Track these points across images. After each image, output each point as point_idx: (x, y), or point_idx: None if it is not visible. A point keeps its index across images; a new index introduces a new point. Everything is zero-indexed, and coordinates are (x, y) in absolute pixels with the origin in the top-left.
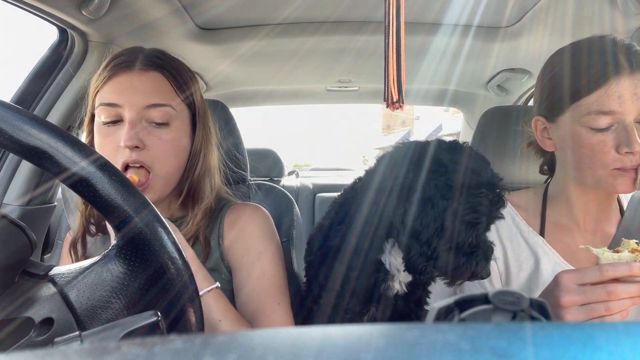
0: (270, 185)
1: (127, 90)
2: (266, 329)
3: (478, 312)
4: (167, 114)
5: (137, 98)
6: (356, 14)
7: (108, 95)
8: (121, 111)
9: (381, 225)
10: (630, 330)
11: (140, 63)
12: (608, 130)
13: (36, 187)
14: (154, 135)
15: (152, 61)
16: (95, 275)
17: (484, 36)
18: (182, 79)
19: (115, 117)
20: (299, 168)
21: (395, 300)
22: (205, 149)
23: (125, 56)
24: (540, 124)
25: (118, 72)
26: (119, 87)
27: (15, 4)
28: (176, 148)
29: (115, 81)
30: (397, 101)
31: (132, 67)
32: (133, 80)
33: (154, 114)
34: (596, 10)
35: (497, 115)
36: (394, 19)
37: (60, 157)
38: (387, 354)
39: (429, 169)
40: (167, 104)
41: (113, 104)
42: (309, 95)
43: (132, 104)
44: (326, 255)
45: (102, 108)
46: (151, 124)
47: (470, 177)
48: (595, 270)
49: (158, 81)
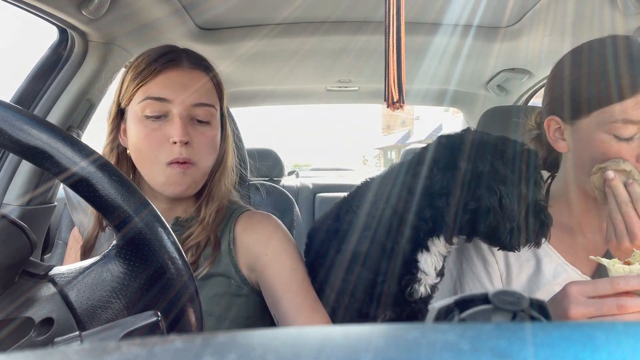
0: (270, 185)
1: (178, 86)
2: (266, 329)
3: (478, 312)
4: (210, 113)
5: (187, 95)
6: (356, 14)
7: (157, 90)
8: (169, 106)
9: (421, 225)
10: (630, 330)
11: (187, 61)
12: (632, 139)
13: (36, 187)
14: (198, 132)
15: (197, 61)
16: (95, 275)
17: (484, 36)
18: (218, 80)
19: (160, 112)
20: (299, 168)
21: (414, 303)
22: (227, 150)
23: (172, 53)
24: (554, 123)
25: (168, 67)
26: (169, 82)
27: (15, 4)
28: (215, 146)
29: (166, 77)
30: (397, 101)
31: (181, 64)
32: (184, 77)
33: (199, 112)
34: (596, 10)
35: (497, 115)
36: (394, 19)
37: (60, 157)
38: (387, 354)
39: (494, 155)
40: (212, 104)
41: (162, 98)
42: (309, 95)
43: (181, 101)
44: (346, 259)
45: (149, 102)
46: (194, 121)
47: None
48: (606, 283)
49: (204, 80)
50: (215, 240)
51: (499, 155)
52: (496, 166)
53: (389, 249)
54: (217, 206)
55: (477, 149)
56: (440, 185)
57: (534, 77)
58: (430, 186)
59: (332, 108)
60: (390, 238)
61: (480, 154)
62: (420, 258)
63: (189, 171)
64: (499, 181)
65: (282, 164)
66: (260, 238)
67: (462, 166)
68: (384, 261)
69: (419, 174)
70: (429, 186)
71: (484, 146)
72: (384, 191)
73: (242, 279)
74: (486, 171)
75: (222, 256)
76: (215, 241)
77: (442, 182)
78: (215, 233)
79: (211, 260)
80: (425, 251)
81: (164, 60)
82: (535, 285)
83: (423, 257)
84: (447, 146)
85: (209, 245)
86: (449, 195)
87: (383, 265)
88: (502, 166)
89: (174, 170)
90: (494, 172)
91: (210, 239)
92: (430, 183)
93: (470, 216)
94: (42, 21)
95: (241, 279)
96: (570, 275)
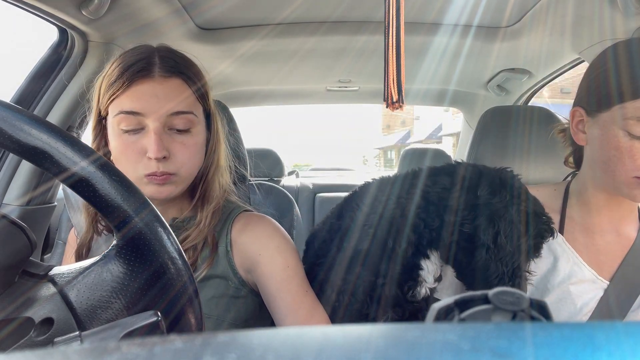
0: (270, 185)
1: (150, 98)
2: (266, 329)
3: (478, 312)
4: (189, 120)
5: (160, 107)
6: (356, 14)
7: (129, 104)
8: (144, 120)
9: (426, 237)
10: (630, 330)
11: (159, 69)
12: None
13: (36, 187)
14: (177, 142)
15: (172, 66)
16: (95, 275)
17: (484, 36)
18: (200, 81)
19: (136, 126)
20: (299, 168)
21: (416, 303)
22: (217, 147)
23: (142, 62)
24: (578, 115)
25: (138, 79)
26: (140, 95)
27: (15, 4)
28: (198, 152)
29: (136, 89)
30: (397, 101)
31: (152, 74)
32: (155, 89)
33: (176, 121)
34: (596, 10)
35: (497, 115)
36: (394, 19)
37: (60, 157)
38: (387, 354)
39: (511, 194)
40: (189, 111)
41: (135, 112)
42: (309, 95)
43: (155, 113)
44: (350, 260)
45: (123, 116)
46: (173, 130)
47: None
48: None
49: (179, 88)
50: (213, 242)
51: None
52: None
53: (389, 250)
54: (213, 207)
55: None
56: (447, 202)
57: (534, 77)
58: (439, 201)
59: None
60: (392, 239)
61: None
62: (423, 265)
63: (168, 182)
64: (500, 216)
65: (282, 164)
66: (256, 240)
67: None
68: (384, 262)
69: (436, 184)
70: (439, 200)
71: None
72: (392, 193)
73: (240, 280)
74: (490, 202)
75: (220, 258)
76: (213, 243)
77: (446, 198)
78: (213, 234)
79: (209, 262)
80: (427, 259)
81: (133, 71)
82: (549, 283)
83: (425, 263)
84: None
85: (207, 247)
86: (448, 212)
87: (383, 266)
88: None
89: (152, 183)
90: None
91: (207, 241)
92: (438, 198)
93: (465, 243)
94: (42, 21)
95: (239, 280)
96: (585, 275)
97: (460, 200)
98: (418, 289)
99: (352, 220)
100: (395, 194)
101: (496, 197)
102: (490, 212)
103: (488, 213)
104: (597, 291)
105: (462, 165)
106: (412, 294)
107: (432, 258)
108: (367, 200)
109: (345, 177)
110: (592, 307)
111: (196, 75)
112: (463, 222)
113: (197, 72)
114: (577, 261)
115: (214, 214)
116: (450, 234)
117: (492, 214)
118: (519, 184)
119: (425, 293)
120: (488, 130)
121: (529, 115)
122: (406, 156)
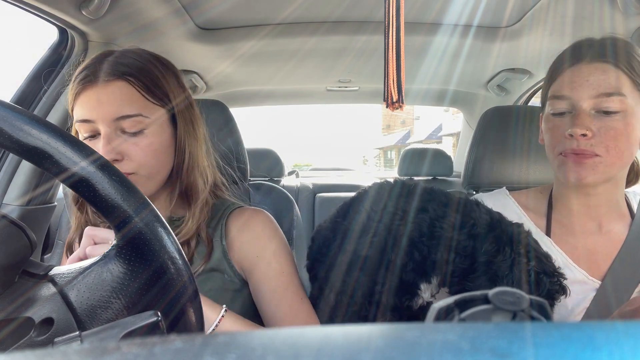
0: (270, 185)
1: (95, 105)
2: (267, 329)
3: (478, 312)
4: (139, 122)
5: (106, 112)
6: (356, 14)
7: (80, 112)
8: (96, 126)
9: (429, 261)
10: (630, 330)
11: (103, 74)
12: (564, 115)
13: (36, 187)
14: (130, 144)
15: (116, 69)
16: (95, 275)
17: (484, 36)
18: (152, 80)
19: (93, 132)
20: (299, 168)
21: (414, 310)
22: (190, 145)
23: (89, 68)
24: (541, 119)
25: (84, 87)
26: (87, 102)
27: (15, 4)
28: (155, 152)
29: (84, 96)
30: (397, 101)
31: (95, 81)
32: (99, 94)
33: (125, 124)
34: (596, 10)
35: (497, 115)
36: (393, 19)
37: (60, 157)
38: (387, 354)
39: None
40: (137, 114)
41: (86, 120)
42: (309, 95)
43: (102, 119)
44: (349, 263)
45: (79, 124)
46: (125, 133)
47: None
48: None
49: (124, 91)
50: (208, 239)
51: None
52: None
53: (390, 261)
54: (200, 203)
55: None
56: (450, 243)
57: (534, 77)
58: (444, 240)
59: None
60: (393, 252)
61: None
62: (422, 286)
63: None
64: (503, 277)
65: (282, 164)
66: (256, 240)
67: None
68: (383, 271)
69: (444, 219)
70: (443, 239)
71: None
72: (400, 206)
73: (235, 273)
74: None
75: (215, 252)
76: (208, 239)
77: (451, 238)
78: (206, 231)
79: (205, 258)
80: (426, 282)
81: (79, 80)
82: None
83: (424, 285)
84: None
85: (202, 243)
86: (448, 252)
87: (382, 275)
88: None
89: None
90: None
91: (201, 237)
92: (443, 237)
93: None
94: (42, 21)
95: (234, 273)
96: (575, 276)
97: (464, 245)
98: (415, 300)
99: (356, 223)
100: (397, 207)
101: (499, 255)
102: (492, 274)
103: (490, 274)
104: (589, 291)
105: (478, 208)
106: (409, 304)
107: (432, 281)
108: (373, 206)
109: (345, 177)
110: (584, 307)
111: (148, 75)
112: (466, 279)
113: (150, 71)
114: (566, 262)
115: (202, 209)
116: (451, 273)
117: (494, 275)
118: (527, 240)
119: (423, 302)
120: (488, 130)
121: (529, 115)
122: (406, 156)
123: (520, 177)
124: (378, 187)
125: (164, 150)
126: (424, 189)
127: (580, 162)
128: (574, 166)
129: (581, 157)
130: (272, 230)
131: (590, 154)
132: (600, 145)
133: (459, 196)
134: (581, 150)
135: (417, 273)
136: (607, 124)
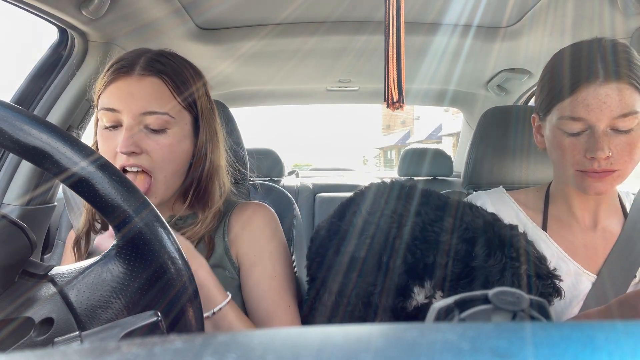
0: (270, 185)
1: (125, 96)
2: (266, 329)
3: (478, 312)
4: (164, 121)
5: (134, 105)
6: (356, 14)
7: (107, 100)
8: (120, 116)
9: (424, 269)
10: (630, 330)
11: (140, 68)
12: (580, 135)
13: (36, 187)
14: (151, 140)
15: (153, 66)
16: (95, 275)
17: (484, 36)
18: (184, 83)
19: (115, 122)
20: (299, 168)
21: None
22: (211, 151)
23: (127, 60)
24: (536, 120)
25: (118, 76)
26: (118, 92)
27: (15, 4)
28: (174, 153)
29: (115, 86)
30: (397, 101)
31: (131, 72)
32: (131, 86)
33: (150, 120)
34: (596, 10)
35: (497, 115)
36: (394, 19)
37: (60, 157)
38: (387, 354)
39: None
40: (164, 112)
41: (112, 109)
42: (309, 95)
43: (129, 110)
44: (350, 268)
45: (103, 112)
46: (148, 129)
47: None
48: None
49: (156, 87)
50: (209, 239)
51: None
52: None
53: (384, 263)
54: (214, 211)
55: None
56: (443, 246)
57: (534, 77)
58: (436, 244)
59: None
60: (387, 254)
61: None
62: (416, 290)
63: (146, 184)
64: (494, 281)
65: (282, 163)
66: (251, 235)
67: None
68: (376, 274)
69: (435, 223)
70: (436, 243)
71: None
72: (393, 208)
73: (235, 269)
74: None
75: (217, 248)
76: (209, 239)
77: (443, 242)
78: (210, 233)
79: (207, 256)
80: (420, 286)
81: (115, 69)
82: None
83: (417, 289)
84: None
85: (202, 241)
86: (442, 256)
87: (375, 277)
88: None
89: (128, 176)
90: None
91: (204, 238)
92: (435, 241)
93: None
94: (42, 21)
95: (234, 267)
96: (570, 269)
97: (456, 249)
98: (409, 302)
99: (351, 225)
100: (393, 210)
101: (491, 259)
102: (485, 278)
103: (482, 279)
104: (585, 285)
105: (472, 212)
106: (403, 306)
107: (425, 284)
108: (369, 208)
109: (345, 177)
110: (581, 300)
111: (180, 76)
112: (458, 284)
113: (182, 73)
114: (561, 256)
115: (214, 216)
116: (444, 277)
117: (486, 280)
118: (521, 243)
119: (417, 304)
120: (488, 130)
121: (529, 115)
122: (406, 156)
123: (520, 177)
124: (374, 189)
125: (181, 153)
126: (420, 192)
127: (602, 178)
128: (593, 182)
129: (602, 175)
130: (272, 229)
131: (610, 171)
132: (619, 161)
133: (455, 199)
134: (602, 169)
135: (410, 276)
136: (623, 141)
